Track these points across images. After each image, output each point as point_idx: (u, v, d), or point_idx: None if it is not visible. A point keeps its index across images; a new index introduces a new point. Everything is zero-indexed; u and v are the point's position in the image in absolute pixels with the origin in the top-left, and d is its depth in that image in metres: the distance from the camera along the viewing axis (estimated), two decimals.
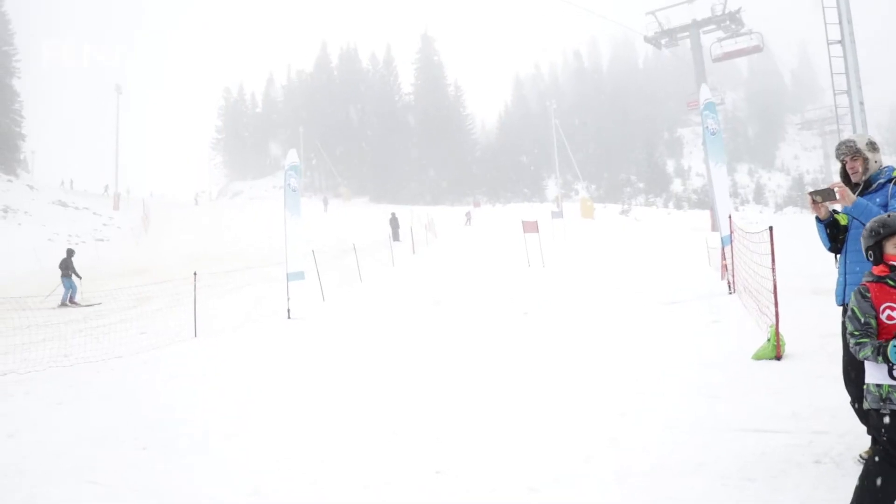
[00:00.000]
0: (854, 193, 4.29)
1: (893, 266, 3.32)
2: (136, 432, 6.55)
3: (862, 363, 3.37)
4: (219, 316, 14.98)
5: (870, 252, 3.45)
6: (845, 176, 4.48)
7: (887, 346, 3.17)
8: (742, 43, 47.35)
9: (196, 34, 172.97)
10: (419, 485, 4.78)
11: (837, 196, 4.15)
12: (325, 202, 66.76)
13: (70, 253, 21.51)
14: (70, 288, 20.10)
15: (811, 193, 4.25)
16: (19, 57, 63.15)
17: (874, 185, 4.32)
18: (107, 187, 62.02)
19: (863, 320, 3.29)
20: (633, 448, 5.11)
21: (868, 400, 3.32)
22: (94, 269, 25.92)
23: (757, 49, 48.09)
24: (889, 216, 3.43)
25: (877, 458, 3.26)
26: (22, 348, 11.53)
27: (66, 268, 20.35)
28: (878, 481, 3.21)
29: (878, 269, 3.37)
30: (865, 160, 4.36)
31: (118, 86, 56.48)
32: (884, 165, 4.40)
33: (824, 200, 4.20)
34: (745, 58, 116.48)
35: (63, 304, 19.57)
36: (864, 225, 3.80)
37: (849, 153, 4.40)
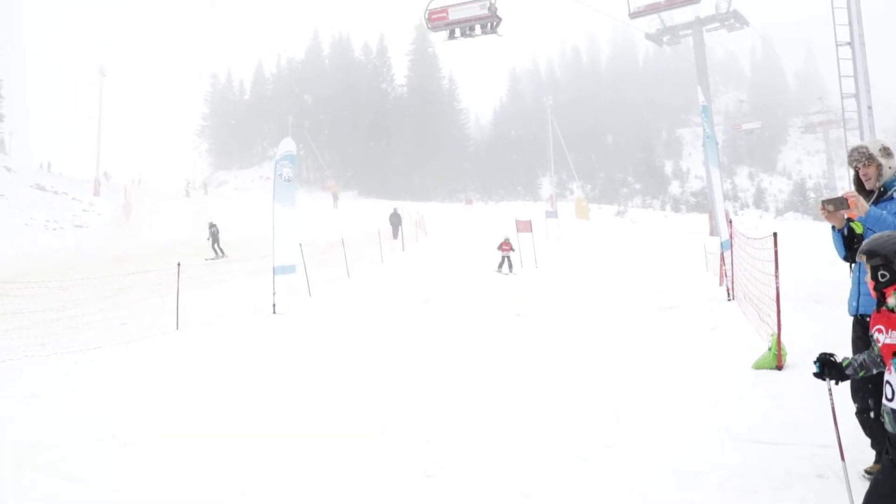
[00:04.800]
0: (868, 201, 4.20)
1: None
2: (116, 427, 6.38)
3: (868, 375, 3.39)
4: (202, 308, 14.65)
5: None
6: (858, 183, 4.38)
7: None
8: None
9: (184, 16, 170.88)
10: (409, 489, 4.71)
11: (850, 205, 4.02)
12: (335, 197, 61.95)
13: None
14: None
15: (823, 202, 4.12)
16: None
17: (889, 192, 4.23)
18: (105, 173, 60.64)
19: (869, 334, 3.29)
20: (629, 456, 5.04)
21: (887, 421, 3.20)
22: (72, 256, 25.51)
23: None
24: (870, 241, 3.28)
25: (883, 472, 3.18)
26: None
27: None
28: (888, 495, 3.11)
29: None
30: (879, 166, 4.27)
31: (102, 68, 54.72)
32: None
33: (836, 210, 4.08)
34: (748, 56, 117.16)
35: None
36: None
37: (862, 159, 4.30)
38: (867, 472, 4.30)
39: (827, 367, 3.39)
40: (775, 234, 7.49)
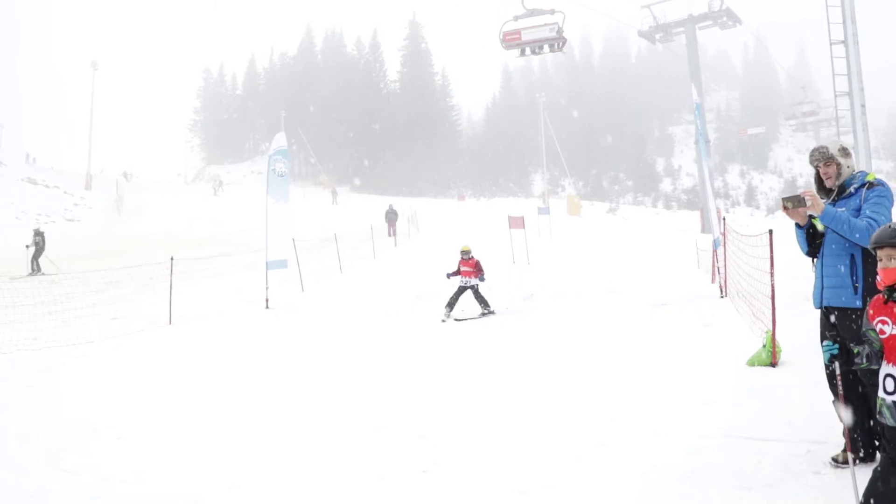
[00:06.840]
0: (829, 198, 4.46)
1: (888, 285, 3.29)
2: (110, 420, 6.41)
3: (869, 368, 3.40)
4: (195, 303, 14.60)
5: None
6: (819, 181, 4.60)
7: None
8: None
9: (180, 11, 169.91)
10: (405, 484, 4.70)
11: (808, 203, 4.27)
12: (334, 193, 61.28)
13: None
14: None
15: (784, 200, 4.38)
16: None
17: (848, 190, 4.44)
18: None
19: (863, 329, 3.35)
20: (624, 454, 5.03)
21: (886, 415, 3.24)
22: (63, 249, 25.31)
23: None
24: (882, 230, 3.36)
25: (881, 467, 3.22)
26: None
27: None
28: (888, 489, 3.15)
29: (879, 284, 3.36)
30: (838, 166, 4.48)
31: (94, 62, 54.04)
32: (856, 170, 4.53)
33: (795, 207, 4.32)
34: (741, 55, 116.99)
35: None
36: (834, 231, 4.15)
37: (822, 159, 4.52)
38: (834, 459, 4.40)
39: (841, 352, 3.41)
40: (771, 232, 7.49)
